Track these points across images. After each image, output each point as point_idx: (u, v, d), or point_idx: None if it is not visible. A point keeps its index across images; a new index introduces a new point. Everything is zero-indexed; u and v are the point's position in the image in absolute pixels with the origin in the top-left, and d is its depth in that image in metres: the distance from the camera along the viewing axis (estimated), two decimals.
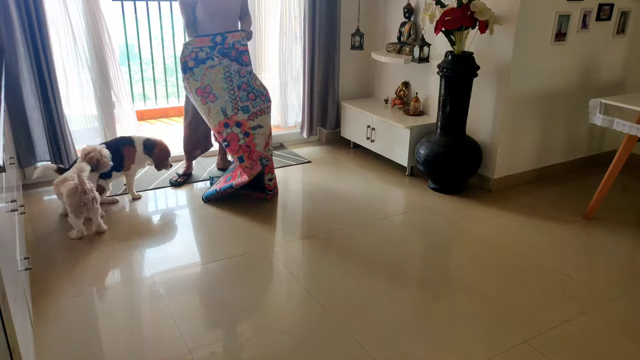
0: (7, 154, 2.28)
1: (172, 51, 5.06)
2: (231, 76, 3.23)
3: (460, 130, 3.44)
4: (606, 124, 2.96)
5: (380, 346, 2.07)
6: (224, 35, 3.23)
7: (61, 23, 3.34)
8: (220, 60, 3.22)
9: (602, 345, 2.12)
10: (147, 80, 5.05)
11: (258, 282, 2.49)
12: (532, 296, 2.43)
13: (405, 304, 2.35)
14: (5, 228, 1.68)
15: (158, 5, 4.73)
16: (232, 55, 3.25)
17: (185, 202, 3.35)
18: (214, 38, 3.20)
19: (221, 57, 3.22)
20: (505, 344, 2.10)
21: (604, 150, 4.20)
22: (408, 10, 3.97)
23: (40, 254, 2.68)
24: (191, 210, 3.25)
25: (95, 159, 2.94)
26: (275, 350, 2.04)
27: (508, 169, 3.66)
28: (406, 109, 4.05)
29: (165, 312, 2.25)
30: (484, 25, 3.17)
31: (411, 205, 3.40)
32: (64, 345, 2.03)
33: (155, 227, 3.02)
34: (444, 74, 3.33)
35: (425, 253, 2.83)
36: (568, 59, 3.61)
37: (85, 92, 3.57)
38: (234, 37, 3.26)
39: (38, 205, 3.24)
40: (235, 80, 3.25)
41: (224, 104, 3.22)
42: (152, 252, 2.73)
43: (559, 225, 3.16)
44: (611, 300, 2.42)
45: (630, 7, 3.76)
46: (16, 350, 1.40)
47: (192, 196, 3.44)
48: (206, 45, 3.19)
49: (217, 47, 3.21)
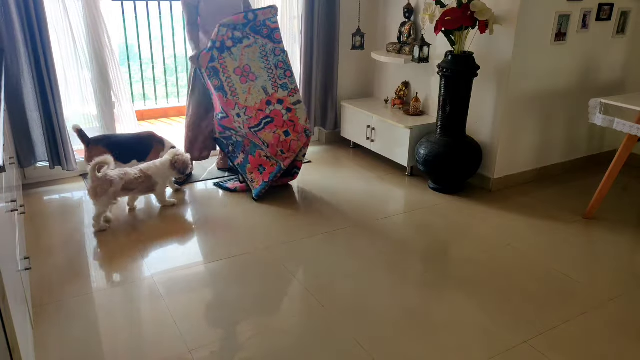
0: (7, 154, 2.28)
1: (172, 51, 5.06)
2: (267, 55, 3.30)
3: (460, 130, 3.44)
4: (606, 124, 2.96)
5: (380, 346, 2.07)
6: (255, 12, 3.26)
7: (61, 23, 3.34)
8: (255, 39, 3.27)
9: (602, 345, 2.12)
10: (147, 80, 5.05)
11: (258, 282, 2.49)
12: (532, 296, 2.43)
13: (405, 304, 2.35)
14: (5, 228, 1.68)
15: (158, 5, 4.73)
16: (264, 33, 3.29)
17: (185, 202, 3.35)
18: (246, 15, 3.24)
19: (255, 35, 3.27)
20: (505, 344, 2.10)
21: (604, 150, 4.20)
22: (408, 10, 3.97)
23: (40, 254, 2.68)
24: (191, 210, 3.25)
25: (180, 162, 3.19)
26: (275, 350, 2.04)
27: (508, 169, 3.66)
28: (406, 109, 4.05)
29: (165, 312, 2.25)
30: (484, 25, 3.16)
31: (411, 205, 3.40)
32: (64, 345, 2.03)
33: (156, 227, 3.01)
34: (444, 74, 3.33)
35: (425, 253, 2.83)
36: (568, 59, 3.61)
37: (85, 92, 3.57)
38: (264, 15, 3.29)
39: (38, 205, 3.24)
40: (271, 59, 3.32)
41: (264, 82, 3.30)
42: (152, 251, 2.73)
43: (559, 225, 3.16)
44: (611, 300, 2.42)
45: (630, 7, 3.76)
46: (16, 350, 1.40)
47: (192, 196, 3.44)
48: (240, 23, 3.23)
49: (249, 24, 3.25)
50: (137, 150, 3.40)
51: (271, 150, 3.36)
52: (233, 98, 3.28)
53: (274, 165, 3.40)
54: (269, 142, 3.33)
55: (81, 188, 3.51)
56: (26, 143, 3.34)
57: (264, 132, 3.31)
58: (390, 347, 2.06)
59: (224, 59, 3.23)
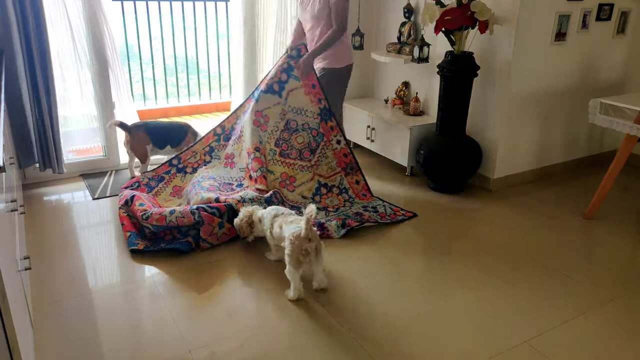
0: (7, 154, 2.28)
1: (172, 51, 5.06)
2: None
3: (460, 130, 3.44)
4: (606, 124, 2.96)
5: (380, 346, 2.07)
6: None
7: (61, 24, 3.33)
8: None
9: (602, 345, 2.11)
10: (147, 80, 5.05)
11: (258, 282, 2.49)
12: (532, 296, 2.43)
13: (405, 304, 2.35)
14: (5, 228, 1.68)
15: (158, 5, 4.73)
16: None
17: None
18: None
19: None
20: (505, 344, 2.10)
21: (604, 150, 4.20)
22: (408, 10, 3.97)
23: (40, 254, 2.67)
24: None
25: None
26: (275, 350, 2.04)
27: (508, 169, 3.65)
28: (406, 109, 4.05)
29: (165, 312, 2.25)
30: (484, 25, 3.16)
31: (411, 205, 3.39)
32: (64, 345, 2.03)
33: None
34: (444, 74, 3.33)
35: (425, 253, 2.83)
36: (568, 59, 3.61)
37: (84, 93, 3.57)
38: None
39: (38, 205, 3.24)
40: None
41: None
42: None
43: (559, 225, 3.15)
44: (611, 300, 2.41)
45: (630, 7, 3.76)
46: (16, 350, 1.40)
47: None
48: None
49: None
50: (171, 138, 3.64)
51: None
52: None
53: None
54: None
55: (81, 188, 3.51)
56: (25, 144, 3.33)
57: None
58: (390, 347, 2.06)
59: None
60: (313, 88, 3.36)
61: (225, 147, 3.46)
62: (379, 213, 3.18)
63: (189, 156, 3.45)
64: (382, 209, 3.23)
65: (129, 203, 2.97)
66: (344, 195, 3.33)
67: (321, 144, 3.37)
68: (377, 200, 3.36)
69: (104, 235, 2.90)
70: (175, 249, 2.68)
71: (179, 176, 3.37)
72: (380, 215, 3.15)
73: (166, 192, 3.26)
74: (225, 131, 3.51)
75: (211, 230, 2.75)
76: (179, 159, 3.43)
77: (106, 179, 3.64)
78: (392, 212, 3.19)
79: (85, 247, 2.77)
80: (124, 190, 3.18)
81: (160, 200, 3.18)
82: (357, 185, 3.39)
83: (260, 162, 3.18)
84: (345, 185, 3.36)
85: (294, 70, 3.33)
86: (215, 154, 3.46)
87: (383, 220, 3.09)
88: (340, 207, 3.23)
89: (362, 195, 3.35)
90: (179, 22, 4.90)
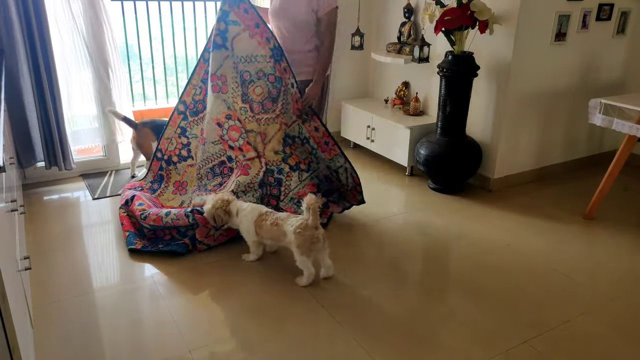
0: (7, 154, 2.28)
1: (172, 51, 5.06)
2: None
3: (460, 130, 3.44)
4: (606, 124, 2.96)
5: (380, 346, 2.07)
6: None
7: (63, 23, 3.34)
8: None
9: (602, 345, 2.11)
10: (147, 80, 5.05)
11: (257, 282, 2.49)
12: (532, 296, 2.43)
13: (406, 304, 2.35)
14: (5, 228, 1.68)
15: (158, 5, 4.73)
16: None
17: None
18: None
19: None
20: (505, 344, 2.10)
21: (604, 150, 4.20)
22: (408, 10, 3.97)
23: (40, 254, 2.67)
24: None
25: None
26: (275, 350, 2.04)
27: (508, 169, 3.65)
28: (406, 109, 4.05)
29: (165, 312, 2.25)
30: (484, 25, 3.16)
31: (411, 205, 3.39)
32: (64, 345, 2.03)
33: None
34: (444, 74, 3.33)
35: (425, 253, 2.83)
36: (568, 59, 3.61)
37: (85, 93, 3.57)
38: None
39: (38, 205, 3.24)
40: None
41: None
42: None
43: (559, 225, 3.16)
44: (611, 300, 2.41)
45: (630, 7, 3.76)
46: (16, 350, 1.40)
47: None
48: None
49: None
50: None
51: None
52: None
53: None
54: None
55: (81, 188, 3.51)
56: (26, 143, 3.34)
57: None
58: (390, 347, 2.06)
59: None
60: (257, 28, 2.97)
61: (198, 122, 3.24)
62: (341, 183, 3.16)
63: (166, 145, 3.30)
64: (344, 176, 3.14)
65: (129, 203, 2.97)
66: (307, 146, 3.13)
67: (282, 89, 3.03)
68: (340, 157, 3.13)
69: (104, 235, 2.90)
70: (172, 251, 2.68)
71: (172, 169, 3.28)
72: (342, 191, 3.19)
73: (168, 192, 3.23)
74: (188, 106, 3.23)
75: (206, 232, 2.74)
76: (162, 152, 3.32)
77: (106, 179, 3.64)
78: (353, 184, 3.15)
79: (85, 247, 2.77)
80: (126, 191, 3.18)
81: (163, 200, 3.16)
82: (316, 132, 3.12)
83: (238, 130, 3.01)
84: (305, 135, 3.12)
85: (230, 14, 2.95)
86: (189, 132, 3.26)
87: (340, 206, 3.15)
88: (309, 162, 3.12)
89: (325, 144, 3.13)
90: (179, 22, 4.90)
